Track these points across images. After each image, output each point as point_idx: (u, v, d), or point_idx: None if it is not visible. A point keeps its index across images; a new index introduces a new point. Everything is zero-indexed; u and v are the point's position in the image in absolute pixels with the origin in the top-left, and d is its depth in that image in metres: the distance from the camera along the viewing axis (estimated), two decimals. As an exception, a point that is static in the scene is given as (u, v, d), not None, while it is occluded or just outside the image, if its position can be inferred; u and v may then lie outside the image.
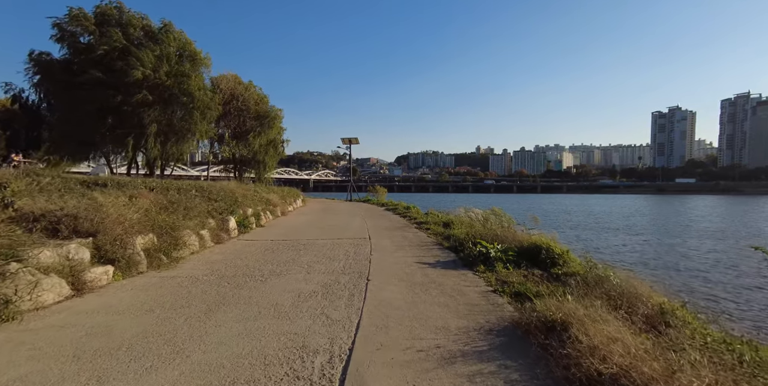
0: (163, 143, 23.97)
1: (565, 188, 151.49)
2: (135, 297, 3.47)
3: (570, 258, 5.39)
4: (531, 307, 3.14)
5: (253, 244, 6.81)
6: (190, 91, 22.68)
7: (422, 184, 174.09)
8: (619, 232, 22.13)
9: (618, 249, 15.67)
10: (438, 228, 9.50)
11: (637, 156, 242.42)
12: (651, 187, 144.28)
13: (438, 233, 8.80)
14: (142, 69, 20.55)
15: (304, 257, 5.71)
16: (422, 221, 11.17)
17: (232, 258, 5.42)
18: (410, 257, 5.90)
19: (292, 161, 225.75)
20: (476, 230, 7.76)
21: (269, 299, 3.54)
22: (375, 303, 3.50)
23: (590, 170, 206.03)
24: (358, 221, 11.63)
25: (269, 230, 9.01)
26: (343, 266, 5.09)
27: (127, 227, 4.29)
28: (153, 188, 8.28)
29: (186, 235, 5.52)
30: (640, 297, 3.28)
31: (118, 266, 3.87)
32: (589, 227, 24.94)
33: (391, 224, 10.68)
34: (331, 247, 6.63)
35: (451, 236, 7.82)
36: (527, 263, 5.42)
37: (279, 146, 35.91)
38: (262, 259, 5.46)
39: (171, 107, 22.81)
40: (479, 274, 4.88)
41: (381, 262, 5.44)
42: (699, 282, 10.16)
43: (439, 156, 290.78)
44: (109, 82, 19.94)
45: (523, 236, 6.78)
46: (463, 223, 9.89)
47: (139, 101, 20.97)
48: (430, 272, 4.92)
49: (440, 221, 10.58)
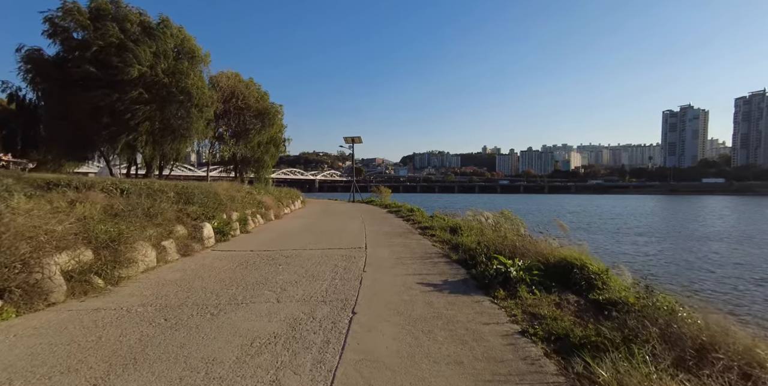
0: (159, 143, 23.14)
1: (574, 189, 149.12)
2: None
3: (610, 279, 4.28)
4: (588, 375, 2.07)
5: (227, 257, 5.79)
6: (187, 89, 21.83)
7: (428, 184, 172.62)
8: (642, 236, 20.74)
9: (647, 258, 14.14)
10: (444, 235, 8.42)
11: (646, 156, 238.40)
12: (662, 187, 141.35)
13: (445, 241, 7.73)
14: (138, 66, 19.72)
15: (282, 275, 4.67)
16: (427, 225, 10.10)
17: (190, 278, 4.40)
18: (411, 274, 4.84)
19: (298, 162, 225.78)
20: (488, 239, 6.68)
21: (207, 351, 2.50)
22: (356, 357, 2.45)
23: (599, 170, 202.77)
24: (356, 225, 10.58)
25: (254, 237, 8.00)
26: (325, 290, 4.04)
27: (42, 242, 3.29)
28: (125, 189, 7.34)
29: (139, 248, 4.51)
30: (751, 355, 2.19)
31: (9, 298, 2.86)
32: (606, 229, 23.55)
33: (393, 230, 9.61)
34: (318, 260, 5.59)
35: (460, 245, 6.75)
36: (556, 285, 4.33)
37: (280, 145, 35.06)
38: (228, 279, 4.43)
39: (168, 106, 21.97)
40: (499, 302, 3.79)
41: (374, 283, 4.39)
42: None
43: (445, 156, 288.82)
44: (104, 80, 19.15)
45: (545, 247, 5.67)
46: (472, 229, 8.80)
47: (134, 98, 20.15)
48: (435, 298, 3.85)
49: (447, 226, 9.50)
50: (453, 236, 8.22)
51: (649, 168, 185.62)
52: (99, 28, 19.09)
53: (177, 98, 21.72)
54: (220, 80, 28.51)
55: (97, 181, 7.74)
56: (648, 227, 25.22)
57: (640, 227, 25.02)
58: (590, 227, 25.05)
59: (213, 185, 10.54)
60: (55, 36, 19.69)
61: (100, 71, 18.94)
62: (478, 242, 6.73)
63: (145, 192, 7.30)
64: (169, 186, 8.44)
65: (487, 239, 6.64)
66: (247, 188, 12.74)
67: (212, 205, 8.14)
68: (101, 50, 18.97)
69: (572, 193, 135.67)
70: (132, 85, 19.73)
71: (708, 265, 12.56)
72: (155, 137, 22.55)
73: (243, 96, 28.85)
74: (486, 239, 6.65)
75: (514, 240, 6.05)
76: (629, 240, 19.20)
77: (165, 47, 21.35)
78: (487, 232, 8.51)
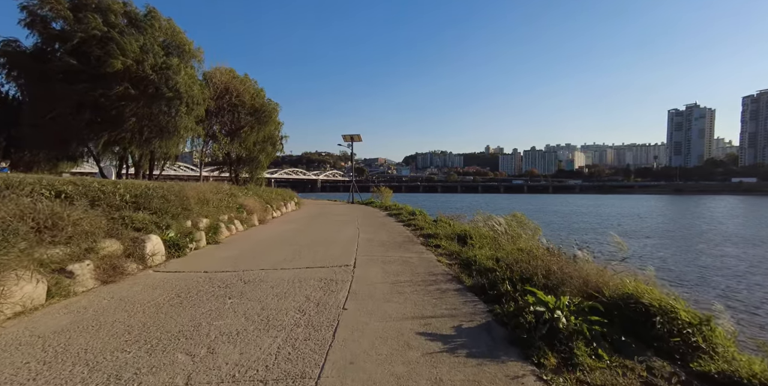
0: (146, 141, 21.79)
1: (578, 189, 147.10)
2: None
3: (715, 334, 2.80)
4: None
5: (167, 283, 4.35)
6: (177, 86, 20.50)
7: (430, 184, 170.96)
8: (672, 241, 19.05)
9: (701, 271, 12.09)
10: (452, 246, 6.99)
11: (651, 156, 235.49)
12: (668, 187, 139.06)
13: (452, 255, 6.29)
14: (122, 58, 18.39)
15: (224, 318, 3.23)
16: (431, 233, 8.65)
17: (79, 328, 2.95)
18: (410, 318, 3.37)
19: (301, 162, 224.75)
20: (508, 254, 5.23)
21: None
22: None
23: (603, 169, 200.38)
24: (349, 232, 9.14)
25: (221, 250, 6.56)
26: (276, 351, 2.60)
27: None
28: (62, 192, 5.92)
29: (8, 280, 3.08)
30: None
31: None
32: (628, 233, 21.87)
33: (391, 238, 8.16)
34: (286, 289, 4.14)
35: (473, 262, 5.30)
36: (629, 340, 2.88)
37: (277, 143, 33.65)
38: (139, 325, 3.00)
39: (156, 103, 20.64)
40: (551, 379, 2.34)
41: (355, 335, 2.94)
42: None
43: (447, 156, 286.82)
44: (86, 72, 17.86)
45: (592, 271, 4.18)
46: (484, 237, 7.37)
47: (119, 94, 18.84)
48: (446, 371, 2.40)
49: (453, 234, 8.05)
50: (462, 247, 6.78)
51: (654, 168, 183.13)
52: (80, 18, 17.81)
53: (165, 95, 20.40)
54: (213, 76, 27.20)
55: (28, 181, 6.33)
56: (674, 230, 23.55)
57: (671, 230, 23.30)
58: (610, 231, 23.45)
59: (186, 186, 9.13)
60: (33, 26, 18.38)
61: (82, 64, 17.65)
62: (495, 258, 5.28)
63: (92, 195, 5.89)
64: (129, 187, 7.03)
65: (507, 255, 5.19)
66: (229, 189, 11.32)
67: (172, 211, 6.72)
68: (83, 42, 17.69)
69: (577, 193, 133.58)
70: (117, 80, 18.44)
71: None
72: (142, 134, 21.21)
73: (237, 92, 27.49)
74: (506, 255, 5.20)
75: (547, 260, 4.57)
76: (668, 244, 17.61)
77: (152, 40, 20.04)
78: (503, 243, 7.06)
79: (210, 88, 25.70)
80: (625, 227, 25.46)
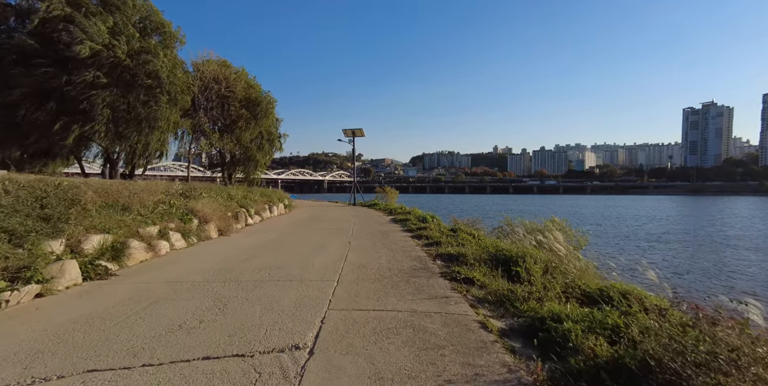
0: (123, 135, 19.17)
1: (589, 189, 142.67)
2: None
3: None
4: None
5: None
6: (156, 72, 17.92)
7: (438, 185, 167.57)
8: (726, 248, 15.96)
9: None
10: (494, 281, 4.29)
11: (664, 155, 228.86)
12: (684, 187, 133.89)
13: (500, 303, 3.61)
14: (90, 43, 15.85)
15: None
16: (453, 253, 5.91)
17: None
18: None
19: (308, 162, 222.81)
20: (644, 328, 2.44)
21: None
22: None
23: (615, 170, 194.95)
24: (334, 251, 6.43)
25: (76, 302, 3.76)
26: None
27: None
28: None
29: None
30: None
31: None
32: (663, 239, 18.82)
33: (393, 263, 5.44)
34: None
35: (560, 334, 2.53)
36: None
37: (275, 140, 30.98)
38: None
39: (132, 91, 18.02)
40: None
41: None
42: None
43: (455, 156, 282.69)
44: (48, 57, 15.40)
45: None
46: (537, 261, 4.65)
47: (88, 82, 16.28)
48: None
49: (487, 254, 5.35)
50: (514, 286, 4.01)
51: (669, 168, 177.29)
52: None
53: (143, 82, 17.87)
54: (202, 66, 24.72)
55: None
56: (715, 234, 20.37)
57: (721, 236, 20.11)
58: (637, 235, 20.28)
59: (100, 185, 6.49)
60: (-17, 3, 15.93)
61: (42, 46, 15.20)
62: (610, 327, 2.50)
63: None
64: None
65: (642, 328, 2.40)
66: (182, 188, 8.64)
67: (24, 225, 4.01)
68: (44, 24, 15.24)
69: (588, 193, 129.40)
70: (86, 66, 15.97)
71: None
72: (117, 128, 18.63)
73: (227, 82, 24.92)
74: (633, 325, 2.41)
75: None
76: (711, 252, 14.59)
77: (125, 21, 17.51)
78: (589, 278, 4.31)
79: (197, 77, 23.27)
80: (678, 232, 22.27)
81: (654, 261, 12.72)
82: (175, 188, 8.12)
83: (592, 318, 2.73)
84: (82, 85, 15.88)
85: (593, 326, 2.57)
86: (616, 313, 2.71)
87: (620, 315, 2.65)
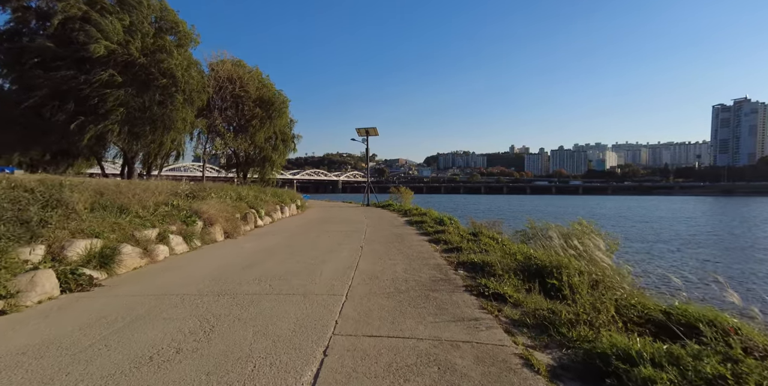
0: (137, 135, 19.21)
1: (611, 190, 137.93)
2: None
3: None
4: None
5: None
6: (171, 71, 17.88)
7: (453, 185, 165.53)
8: None
9: None
10: (529, 298, 3.70)
11: (690, 154, 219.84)
12: (714, 188, 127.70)
13: (541, 327, 3.09)
14: (105, 42, 15.89)
15: None
16: (477, 261, 5.25)
17: None
18: None
19: (323, 163, 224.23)
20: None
21: None
22: None
23: (638, 169, 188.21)
24: (345, 256, 5.88)
25: (39, 323, 3.27)
26: None
27: None
28: None
29: None
30: None
31: None
32: (715, 244, 17.30)
33: (410, 273, 4.84)
34: None
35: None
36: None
37: (289, 141, 30.77)
38: None
39: (147, 91, 18.02)
40: None
41: None
42: None
43: (470, 156, 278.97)
44: (67, 58, 15.55)
45: None
46: (583, 273, 3.95)
47: (103, 81, 16.33)
48: None
49: (516, 263, 4.72)
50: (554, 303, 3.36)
51: (696, 167, 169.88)
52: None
53: (158, 82, 17.82)
54: (216, 65, 24.70)
55: None
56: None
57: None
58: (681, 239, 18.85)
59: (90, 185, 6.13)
60: (6, 3, 16.14)
61: (61, 48, 15.30)
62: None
63: None
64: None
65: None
66: (189, 188, 8.25)
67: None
68: (63, 24, 15.34)
69: (609, 194, 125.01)
70: (101, 65, 16.02)
71: None
72: (132, 128, 18.64)
73: (240, 82, 24.76)
74: None
75: None
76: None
77: (141, 19, 17.47)
78: (640, 294, 3.59)
79: (212, 77, 23.22)
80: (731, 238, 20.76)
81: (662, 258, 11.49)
82: (182, 189, 7.72)
83: (678, 360, 2.05)
84: (98, 85, 15.91)
85: (687, 375, 1.89)
86: (714, 356, 2.03)
87: (722, 360, 1.97)
